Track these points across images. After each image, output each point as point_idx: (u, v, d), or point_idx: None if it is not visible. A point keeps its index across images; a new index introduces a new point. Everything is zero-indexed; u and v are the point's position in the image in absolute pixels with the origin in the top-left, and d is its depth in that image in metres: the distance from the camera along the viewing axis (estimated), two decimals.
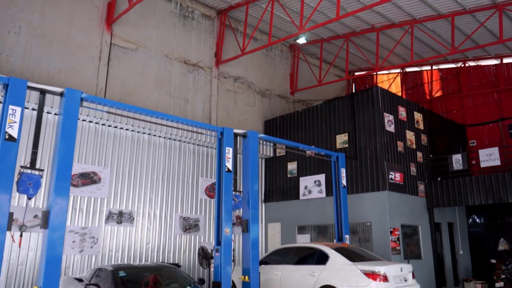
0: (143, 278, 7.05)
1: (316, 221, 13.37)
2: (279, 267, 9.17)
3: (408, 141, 13.26)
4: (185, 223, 12.76)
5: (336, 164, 11.61)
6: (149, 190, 12.16)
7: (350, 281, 7.82)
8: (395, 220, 11.75)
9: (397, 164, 12.50)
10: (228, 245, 8.36)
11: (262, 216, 15.14)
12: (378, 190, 11.89)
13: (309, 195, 13.72)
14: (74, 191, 10.66)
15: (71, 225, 10.48)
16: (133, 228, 11.61)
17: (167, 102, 13.38)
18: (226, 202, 8.52)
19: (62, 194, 6.31)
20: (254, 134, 9.41)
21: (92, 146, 11.24)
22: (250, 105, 15.90)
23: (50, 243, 6.08)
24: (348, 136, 13.03)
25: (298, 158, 14.42)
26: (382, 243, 11.47)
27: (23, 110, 6.22)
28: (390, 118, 12.68)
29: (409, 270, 8.42)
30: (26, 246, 9.72)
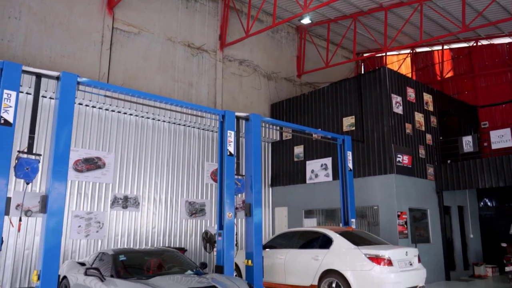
0: (144, 262, 7.03)
1: (323, 205, 13.24)
2: (283, 251, 9.10)
3: (417, 123, 12.94)
4: (191, 207, 12.74)
5: (342, 147, 11.40)
6: (154, 175, 12.14)
7: (353, 265, 7.70)
8: (403, 204, 11.55)
9: (405, 146, 12.23)
10: (231, 229, 8.29)
11: (269, 201, 15.08)
12: (386, 173, 11.67)
13: (316, 179, 13.57)
14: (78, 176, 10.69)
15: (77, 210, 10.53)
16: (139, 212, 11.63)
17: (171, 87, 13.25)
18: (228, 186, 8.42)
19: (60, 179, 6.26)
20: (256, 117, 9.24)
21: (96, 131, 11.21)
22: (256, 88, 15.68)
23: (48, 227, 6.05)
24: (355, 119, 12.78)
25: (305, 142, 14.24)
26: (389, 227, 11.31)
27: (18, 94, 6.14)
28: (398, 100, 12.37)
29: (415, 254, 8.26)
30: (32, 230, 9.81)
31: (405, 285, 7.58)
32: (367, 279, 7.49)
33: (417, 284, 7.90)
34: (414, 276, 7.89)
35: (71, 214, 10.41)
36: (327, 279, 7.98)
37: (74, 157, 10.69)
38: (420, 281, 7.99)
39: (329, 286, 7.97)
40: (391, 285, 7.41)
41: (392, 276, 7.44)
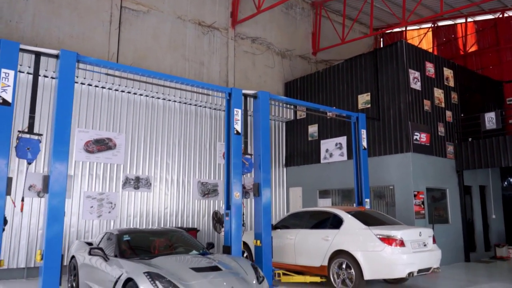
0: (148, 242, 6.97)
1: (337, 185, 12.95)
2: (293, 231, 8.92)
3: (436, 100, 12.38)
4: (203, 188, 12.67)
5: (356, 125, 11.02)
6: (165, 155, 12.07)
7: (364, 246, 7.45)
8: (420, 183, 11.14)
9: (423, 124, 11.74)
10: (238, 209, 8.15)
11: (284, 181, 14.88)
12: (402, 152, 11.25)
13: (330, 159, 13.25)
14: (90, 157, 10.70)
15: (89, 190, 10.58)
16: (151, 193, 11.63)
17: (182, 66, 13.04)
18: (236, 165, 8.24)
19: (61, 159, 6.20)
20: (265, 95, 8.96)
21: (106, 112, 11.16)
22: (269, 67, 15.31)
23: (51, 207, 6.02)
24: (370, 96, 12.31)
25: (319, 121, 13.88)
26: (406, 207, 10.96)
27: (17, 73, 6.05)
28: (416, 75, 11.82)
29: (429, 234, 7.94)
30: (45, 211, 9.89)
31: (418, 267, 7.30)
32: (378, 260, 7.24)
33: (431, 266, 7.60)
34: (428, 257, 7.58)
35: (83, 195, 10.48)
36: (337, 259, 7.77)
37: (85, 138, 10.70)
38: (435, 262, 7.69)
39: (339, 267, 7.76)
40: (402, 266, 7.14)
41: (404, 257, 7.17)
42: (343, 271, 7.66)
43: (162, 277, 5.10)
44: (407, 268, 7.15)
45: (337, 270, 7.77)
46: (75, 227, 10.23)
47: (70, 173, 10.37)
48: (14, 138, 6.24)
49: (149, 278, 5.07)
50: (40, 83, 10.05)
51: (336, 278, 7.79)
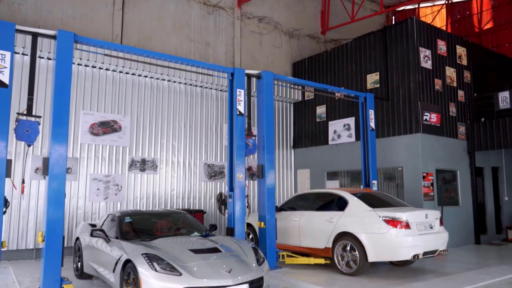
0: (150, 223, 6.96)
1: (346, 166, 12.78)
2: (298, 213, 8.83)
3: (448, 79, 12.01)
4: (210, 170, 12.63)
5: (364, 106, 10.78)
6: (171, 137, 12.02)
7: (368, 228, 7.33)
8: (429, 165, 10.91)
9: (434, 104, 11.42)
10: (242, 191, 8.08)
11: (291, 163, 14.76)
12: (411, 132, 10.99)
13: (338, 140, 13.05)
14: (95, 140, 10.71)
15: (95, 173, 10.62)
16: (157, 175, 11.63)
17: (187, 47, 12.86)
18: (239, 147, 8.15)
19: (60, 141, 6.16)
20: (268, 75, 8.78)
21: (111, 94, 11.11)
22: (276, 47, 15.02)
23: (51, 189, 6.02)
24: (379, 76, 11.99)
25: (327, 101, 13.64)
26: (414, 189, 10.76)
27: (13, 54, 5.98)
28: (427, 53, 11.44)
29: (436, 216, 7.76)
30: None
31: (423, 249, 7.16)
32: (382, 242, 7.13)
33: (437, 248, 7.45)
34: (434, 239, 7.43)
35: (89, 177, 10.53)
36: (341, 241, 7.68)
37: (90, 120, 10.69)
38: (441, 245, 7.53)
39: (343, 249, 7.67)
40: (407, 248, 7.01)
41: (409, 240, 7.03)
42: (347, 253, 7.57)
43: (160, 259, 5.07)
44: (412, 251, 7.02)
45: (341, 252, 7.69)
46: (82, 209, 10.32)
47: (76, 155, 10.42)
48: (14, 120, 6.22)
49: (147, 259, 5.05)
50: (41, 64, 10.00)
51: (340, 260, 7.71)
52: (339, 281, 7.16)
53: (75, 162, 10.37)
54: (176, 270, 4.96)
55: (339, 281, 7.16)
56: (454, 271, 8.07)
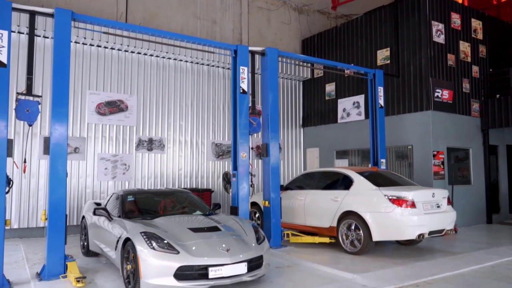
0: (153, 202, 6.98)
1: (355, 145, 12.59)
2: (303, 192, 8.76)
3: (462, 54, 11.58)
4: (217, 149, 12.60)
5: (373, 83, 10.51)
6: (178, 117, 11.98)
7: (373, 207, 7.22)
8: (440, 143, 10.65)
9: (446, 80, 11.06)
10: (245, 169, 8.02)
11: (301, 142, 14.63)
12: (422, 110, 10.70)
13: (348, 118, 12.83)
14: (102, 120, 10.73)
15: (102, 152, 10.69)
16: (164, 155, 11.65)
17: (193, 24, 12.66)
18: (242, 125, 8.06)
19: (60, 120, 6.17)
20: (273, 52, 8.58)
21: (116, 73, 11.06)
22: (285, 23, 14.68)
23: (53, 168, 6.06)
24: (390, 51, 11.63)
25: (337, 79, 13.36)
26: (424, 168, 10.55)
27: (10, 33, 5.93)
28: (440, 27, 11.02)
29: (444, 195, 7.59)
30: None
31: (429, 229, 7.03)
32: (387, 221, 7.02)
33: (444, 228, 7.31)
34: (441, 219, 7.29)
35: (97, 156, 10.60)
36: (346, 220, 7.60)
37: (96, 100, 10.69)
38: (448, 224, 7.39)
39: (348, 228, 7.59)
40: (412, 228, 6.89)
41: (414, 219, 6.90)
42: (351, 232, 7.50)
43: (158, 237, 5.08)
44: (417, 230, 6.90)
45: (346, 231, 7.62)
46: (90, 188, 10.44)
47: (84, 135, 10.47)
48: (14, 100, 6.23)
49: (145, 237, 5.06)
50: (44, 44, 9.96)
51: (344, 239, 7.65)
52: (343, 260, 7.11)
53: (83, 141, 10.43)
54: (174, 248, 4.97)
55: (343, 260, 7.11)
56: (462, 251, 7.94)
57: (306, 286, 5.53)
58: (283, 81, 14.35)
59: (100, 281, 5.79)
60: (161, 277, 4.80)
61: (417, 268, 6.48)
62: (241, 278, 5.10)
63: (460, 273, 6.30)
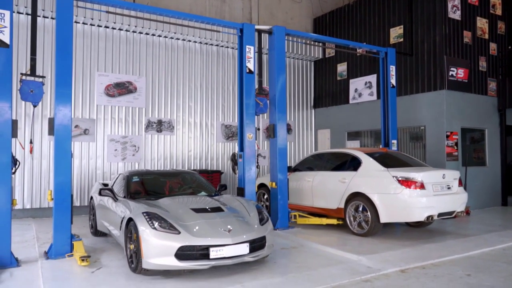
0: (158, 183, 6.99)
1: (367, 126, 12.36)
2: (311, 173, 8.65)
3: (479, 30, 11.14)
4: (227, 130, 12.54)
5: (385, 61, 10.22)
6: (187, 98, 11.92)
7: (381, 188, 7.08)
8: (454, 123, 10.36)
9: (461, 58, 10.68)
10: (252, 151, 7.95)
11: (312, 123, 14.45)
12: (435, 89, 10.39)
13: (359, 99, 12.57)
14: (111, 101, 10.75)
15: (112, 134, 10.73)
16: (174, 136, 11.65)
17: (202, 4, 12.46)
18: (248, 106, 7.95)
19: (64, 101, 6.16)
20: (280, 30, 8.38)
21: (125, 55, 11.01)
22: (296, 2, 14.34)
23: (57, 149, 6.09)
24: (403, 29, 11.26)
25: (348, 58, 13.05)
26: (437, 149, 10.31)
27: (13, 14, 5.89)
28: (456, 3, 10.59)
29: (455, 177, 7.40)
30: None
31: (438, 210, 6.88)
32: (395, 203, 6.89)
33: (454, 210, 7.15)
34: (451, 200, 7.12)
35: (106, 138, 10.66)
36: (354, 202, 7.49)
37: (105, 82, 10.69)
38: (459, 206, 7.22)
39: (355, 209, 7.49)
40: (421, 209, 6.75)
41: (423, 200, 6.75)
42: (359, 214, 7.40)
43: (159, 217, 5.07)
44: (425, 212, 6.76)
45: (354, 212, 7.52)
46: (101, 170, 10.53)
47: (93, 117, 10.52)
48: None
49: (147, 218, 5.06)
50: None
51: (352, 221, 7.56)
52: (350, 242, 7.04)
53: (92, 123, 10.48)
54: (175, 228, 4.95)
55: (350, 242, 7.04)
56: (473, 233, 7.77)
57: (310, 267, 5.48)
58: (294, 61, 14.11)
59: (106, 261, 5.85)
60: (162, 256, 4.81)
61: (425, 250, 6.36)
62: (243, 259, 5.07)
63: (469, 256, 6.17)
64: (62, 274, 5.23)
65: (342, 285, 4.75)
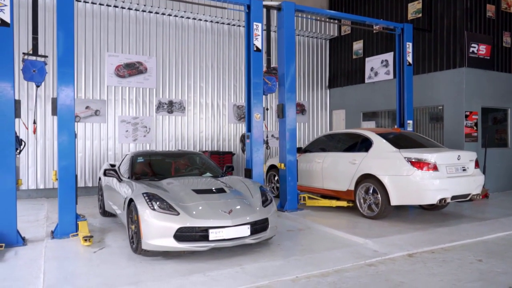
0: (163, 164, 6.92)
1: (383, 106, 11.98)
2: (321, 154, 8.43)
3: (503, 4, 10.52)
4: (239, 111, 12.37)
5: (401, 38, 9.78)
6: (198, 78, 11.77)
7: (392, 170, 6.83)
8: (473, 103, 9.90)
9: (484, 34, 10.13)
10: (259, 131, 7.78)
11: (327, 103, 14.13)
12: (454, 67, 9.92)
13: (375, 78, 12.16)
14: (121, 82, 10.70)
15: (123, 115, 10.72)
16: (185, 117, 11.56)
17: None
18: (256, 85, 7.74)
19: (66, 81, 6.09)
20: (289, 6, 8.07)
21: (134, 35, 10.89)
22: None
23: (60, 128, 6.06)
24: (422, 3, 10.73)
25: (364, 36, 12.60)
26: (455, 129, 9.90)
27: None
28: None
29: (471, 158, 7.06)
30: (83, 135, 10.26)
31: (452, 193, 6.59)
32: (406, 185, 6.63)
33: (469, 192, 6.84)
34: (466, 183, 6.81)
35: (117, 119, 10.65)
36: (364, 184, 7.26)
37: (115, 62, 10.62)
38: (474, 188, 6.90)
39: (365, 191, 7.27)
40: (433, 192, 6.47)
41: (436, 183, 6.48)
42: (369, 196, 7.18)
43: (159, 198, 5.00)
44: (438, 194, 6.49)
45: (364, 195, 7.30)
46: (112, 151, 10.57)
47: (104, 98, 10.50)
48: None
49: (146, 198, 4.99)
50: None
51: (362, 203, 7.35)
52: (360, 224, 6.85)
53: (103, 104, 10.47)
54: (174, 209, 4.87)
55: (359, 224, 6.85)
56: (490, 217, 7.47)
57: (314, 250, 5.34)
58: (308, 39, 13.72)
59: (109, 241, 5.85)
60: (161, 238, 4.74)
61: (436, 234, 6.12)
62: (243, 241, 4.97)
63: (483, 240, 5.91)
64: (64, 253, 5.25)
65: (345, 269, 4.60)
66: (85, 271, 4.59)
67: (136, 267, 4.69)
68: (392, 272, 4.50)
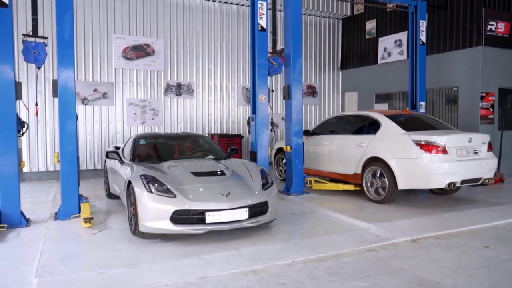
0: (165, 146, 6.86)
1: (396, 88, 11.63)
2: (329, 137, 8.24)
3: None
4: (248, 93, 12.20)
5: (414, 16, 9.40)
6: (207, 60, 11.61)
7: (400, 153, 6.61)
8: (490, 83, 9.50)
9: (503, 10, 9.64)
10: (264, 113, 7.63)
11: (339, 85, 13.83)
12: (470, 46, 9.50)
13: (389, 58, 11.79)
14: (129, 64, 10.64)
15: (131, 98, 10.69)
16: (193, 100, 11.47)
17: None
18: (261, 66, 7.55)
19: (66, 62, 6.03)
20: None
21: (142, 16, 10.76)
22: None
23: (61, 110, 6.04)
24: None
25: (378, 15, 12.18)
26: (470, 111, 9.55)
27: None
28: None
29: (483, 141, 6.78)
30: (91, 118, 10.29)
31: (462, 177, 6.35)
32: (414, 168, 6.42)
33: (481, 176, 6.59)
34: (477, 166, 6.55)
35: (126, 102, 10.63)
36: (371, 167, 7.07)
37: (122, 44, 10.55)
38: (486, 172, 6.64)
39: (372, 175, 7.08)
40: (441, 176, 6.25)
41: (445, 166, 6.24)
42: (376, 180, 6.99)
43: (156, 181, 4.94)
44: (447, 178, 6.26)
45: (371, 178, 7.11)
46: (120, 133, 10.59)
47: (111, 80, 10.47)
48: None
49: (144, 180, 4.94)
50: None
51: (369, 187, 7.17)
52: (366, 209, 6.69)
53: (111, 87, 10.45)
54: (171, 192, 4.81)
55: (365, 209, 6.69)
56: (504, 202, 7.20)
57: (314, 234, 5.23)
58: (320, 19, 13.37)
59: (111, 223, 5.86)
60: (158, 220, 4.70)
61: (443, 219, 5.93)
62: (241, 224, 4.88)
63: (492, 226, 5.69)
64: (65, 234, 5.27)
65: (344, 254, 4.48)
66: (81, 252, 4.60)
67: (133, 249, 4.68)
68: (392, 258, 4.36)
